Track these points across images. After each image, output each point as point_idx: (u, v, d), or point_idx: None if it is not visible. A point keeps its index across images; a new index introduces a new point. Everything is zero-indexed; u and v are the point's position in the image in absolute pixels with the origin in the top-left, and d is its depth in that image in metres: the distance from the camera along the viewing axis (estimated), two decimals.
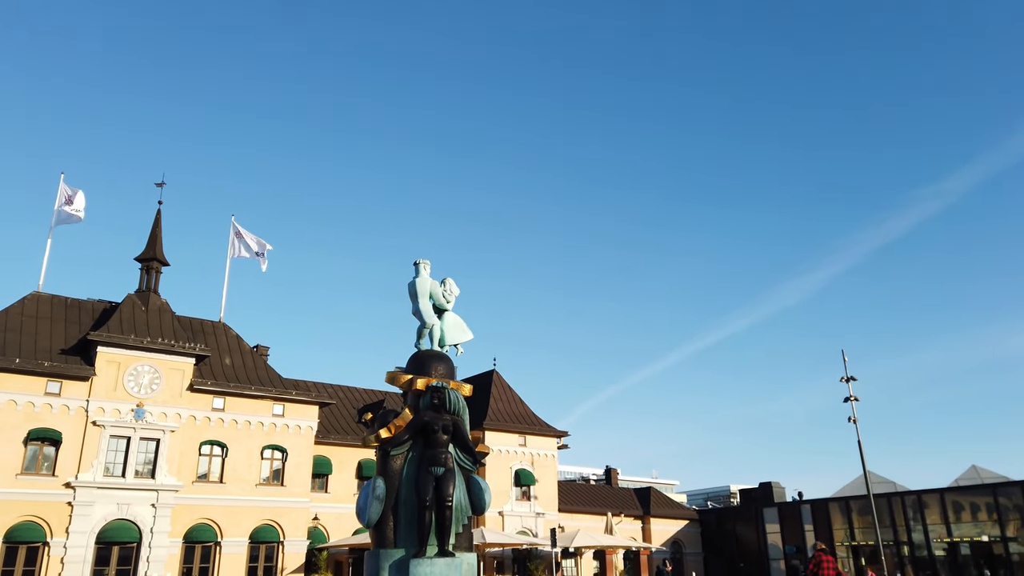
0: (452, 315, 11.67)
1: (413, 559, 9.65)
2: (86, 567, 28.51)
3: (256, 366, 35.66)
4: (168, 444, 31.05)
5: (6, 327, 30.72)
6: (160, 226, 35.71)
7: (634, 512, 53.05)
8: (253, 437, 33.38)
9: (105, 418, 30.08)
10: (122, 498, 29.76)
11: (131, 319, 32.37)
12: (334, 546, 34.63)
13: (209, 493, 31.73)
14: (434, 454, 10.11)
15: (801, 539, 51.50)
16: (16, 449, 28.46)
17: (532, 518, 42.88)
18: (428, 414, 10.38)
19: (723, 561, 55.24)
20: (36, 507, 28.23)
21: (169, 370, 31.90)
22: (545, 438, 45.29)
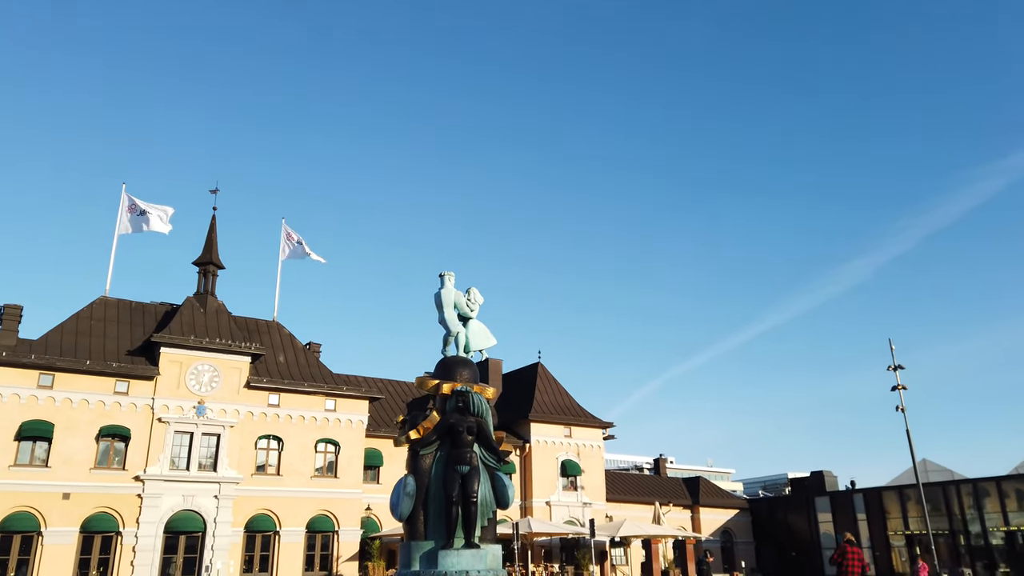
0: (476, 323, 12.44)
1: (441, 550, 10.47)
2: (156, 555, 30.37)
3: (308, 363, 37.13)
4: (228, 439, 32.72)
5: (77, 331, 32.73)
6: (215, 231, 37.42)
7: (683, 501, 53.25)
8: (307, 431, 34.87)
9: (169, 415, 31.87)
10: (187, 490, 31.53)
11: (191, 321, 34.11)
12: (386, 535, 35.93)
13: (267, 485, 33.34)
14: (460, 453, 10.91)
15: (854, 528, 50.99)
16: (89, 445, 30.42)
17: (579, 508, 43.58)
18: (454, 416, 11.17)
19: (774, 550, 55.04)
20: (109, 499, 30.16)
21: (227, 368, 33.54)
22: (591, 429, 45.88)
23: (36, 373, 30.09)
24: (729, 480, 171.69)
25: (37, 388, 29.98)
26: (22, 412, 29.54)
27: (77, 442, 30.18)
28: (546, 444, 43.80)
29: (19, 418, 29.42)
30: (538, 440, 43.49)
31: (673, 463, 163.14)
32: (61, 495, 29.45)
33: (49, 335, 31.80)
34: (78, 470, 29.97)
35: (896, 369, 37.03)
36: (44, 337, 31.58)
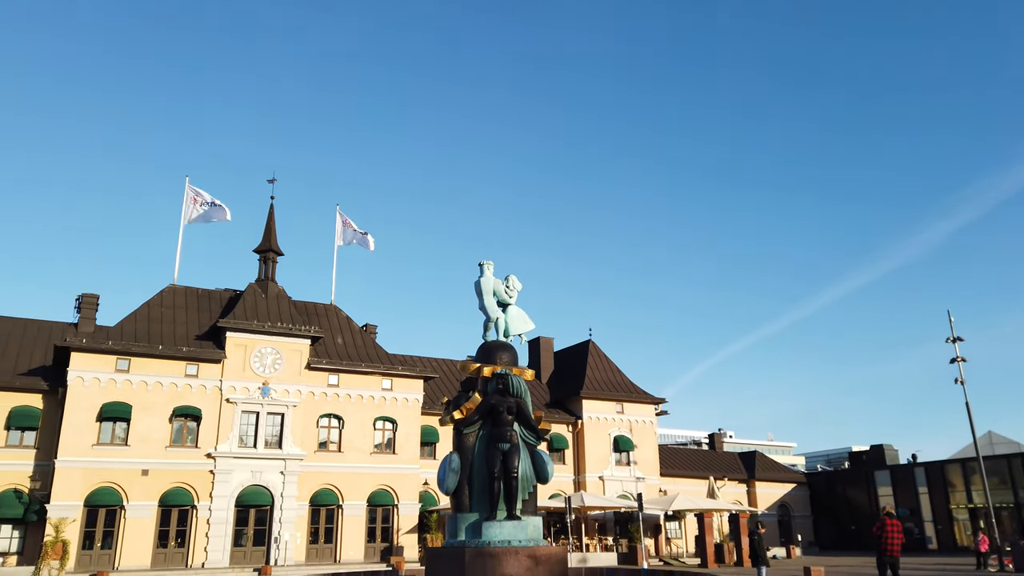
0: (515, 308, 13.07)
1: (485, 522, 11.23)
2: (228, 528, 32.22)
3: (365, 344, 38.45)
4: (291, 418, 34.30)
5: (149, 317, 34.64)
6: (273, 219, 38.87)
7: (738, 476, 53.31)
8: (365, 410, 36.24)
9: (236, 395, 33.56)
10: (255, 466, 33.26)
11: (253, 306, 35.69)
12: (444, 508, 37.16)
13: (329, 461, 34.87)
14: (500, 432, 11.61)
15: (915, 502, 50.40)
16: (164, 425, 32.33)
17: (632, 482, 44.13)
18: (494, 397, 11.86)
19: (832, 524, 54.76)
20: (184, 475, 32.08)
21: (289, 351, 35.05)
22: (643, 405, 46.25)
23: (114, 358, 32.04)
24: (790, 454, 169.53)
25: (115, 372, 31.94)
26: (102, 395, 31.55)
27: (153, 422, 32.11)
28: (598, 420, 44.40)
29: (100, 400, 31.43)
30: (590, 416, 44.11)
31: (732, 437, 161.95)
32: (140, 471, 31.45)
33: (124, 322, 33.74)
34: (155, 448, 31.92)
35: (955, 341, 36.40)
36: (120, 324, 33.53)
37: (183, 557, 31.55)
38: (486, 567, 10.55)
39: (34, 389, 32.13)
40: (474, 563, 10.58)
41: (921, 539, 49.20)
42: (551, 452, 43.19)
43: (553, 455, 43.22)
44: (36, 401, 32.11)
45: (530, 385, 43.83)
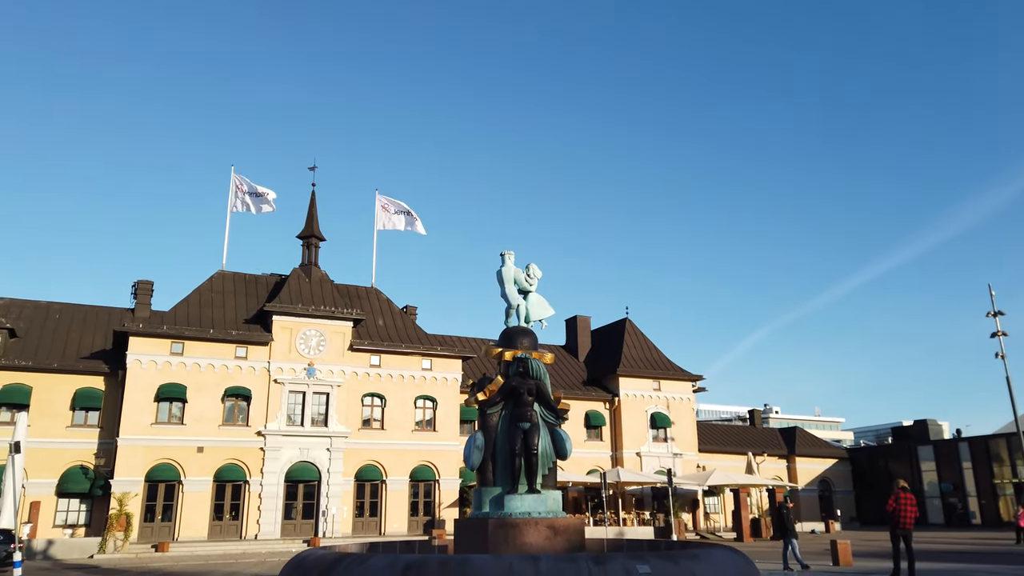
0: (535, 295, 13.74)
1: (507, 495, 12.04)
2: (279, 501, 33.89)
3: (405, 326, 39.62)
4: (336, 397, 35.72)
5: (200, 302, 36.28)
6: (315, 206, 40.13)
7: (778, 451, 53.43)
8: (406, 389, 37.49)
9: (284, 376, 35.07)
10: (303, 444, 34.81)
11: (298, 290, 37.08)
12: None
13: (373, 438, 36.25)
14: (521, 412, 12.36)
15: (959, 477, 49.98)
16: (217, 405, 34.02)
17: (669, 458, 44.73)
18: (515, 380, 12.60)
19: (874, 499, 54.57)
20: (236, 452, 33.77)
21: (332, 333, 36.39)
22: (680, 382, 46.66)
23: (169, 342, 33.75)
24: (838, 429, 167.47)
25: (170, 355, 33.67)
26: (159, 376, 33.32)
27: (207, 402, 33.82)
28: (635, 397, 44.99)
29: (157, 382, 33.22)
30: (627, 394, 44.72)
31: (778, 413, 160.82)
32: (196, 449, 33.23)
33: (177, 307, 35.43)
34: (209, 426, 33.65)
35: (996, 315, 36.08)
36: (174, 310, 35.23)
37: (237, 529, 33.33)
38: (507, 536, 11.38)
39: (96, 372, 34.06)
40: (496, 533, 11.42)
41: (965, 514, 48.87)
42: (588, 429, 44.05)
43: (590, 432, 44.09)
44: (98, 383, 34.05)
45: (567, 363, 44.93)
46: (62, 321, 36.74)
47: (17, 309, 36.46)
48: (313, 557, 10.91)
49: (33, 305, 37.32)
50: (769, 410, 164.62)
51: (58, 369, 33.32)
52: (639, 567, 9.37)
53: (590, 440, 43.89)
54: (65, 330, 36.10)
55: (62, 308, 37.84)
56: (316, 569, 10.21)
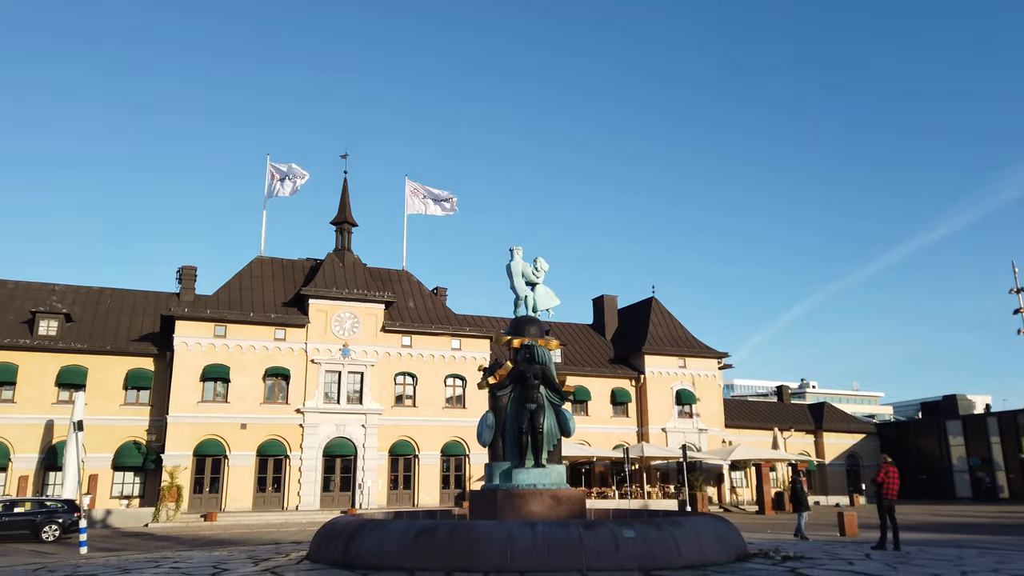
0: (542, 287, 14.91)
1: (515, 469, 13.36)
2: (317, 475, 35.80)
3: (436, 307, 41.08)
4: (370, 376, 37.41)
5: (240, 287, 38.14)
6: (347, 192, 41.62)
7: (806, 427, 53.99)
8: (437, 368, 39.03)
9: (320, 357, 36.83)
10: (339, 420, 36.62)
11: (332, 274, 38.71)
12: None
13: (405, 415, 37.94)
14: (528, 394, 13.63)
15: (987, 451, 50.14)
16: (258, 384, 35.93)
17: (695, 434, 45.74)
18: (523, 365, 13.86)
19: (903, 474, 54.88)
20: (277, 428, 35.72)
21: (365, 315, 38.01)
22: (705, 359, 47.47)
23: (212, 325, 35.67)
24: (877, 403, 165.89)
25: (214, 337, 35.60)
26: (204, 357, 35.29)
27: (248, 381, 35.75)
28: (661, 375, 45.97)
29: (202, 362, 35.20)
30: (652, 371, 45.72)
31: (815, 387, 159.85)
32: (239, 425, 35.22)
33: (220, 292, 37.32)
34: (251, 404, 35.60)
35: (1019, 292, 36.27)
36: (216, 294, 37.13)
37: (279, 501, 35.37)
38: (514, 506, 12.71)
39: (145, 354, 36.19)
40: (504, 502, 12.76)
41: (993, 488, 49.08)
42: (615, 406, 45.22)
43: (616, 408, 45.26)
44: (148, 364, 36.19)
45: (594, 341, 46.33)
46: (113, 306, 38.93)
47: (72, 295, 38.72)
48: (342, 523, 12.40)
49: (86, 291, 39.55)
50: (806, 385, 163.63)
51: (111, 351, 35.50)
52: (624, 531, 10.65)
53: (616, 416, 45.08)
54: (116, 314, 38.28)
55: (112, 293, 40.02)
56: (344, 533, 11.70)
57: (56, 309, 35.88)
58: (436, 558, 10.35)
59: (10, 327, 35.16)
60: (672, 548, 10.68)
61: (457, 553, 10.33)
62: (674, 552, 10.65)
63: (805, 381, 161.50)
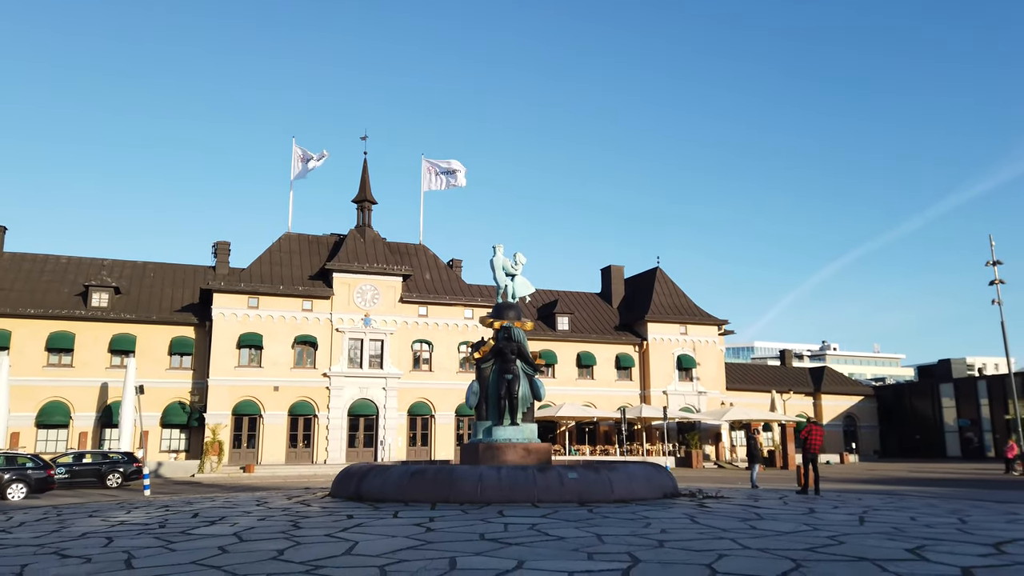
0: (520, 278, 17.87)
1: (495, 427, 16.53)
2: (343, 432, 39.57)
3: (450, 279, 44.29)
4: (389, 343, 40.88)
5: (271, 261, 41.62)
6: (367, 172, 44.68)
7: (805, 389, 56.83)
8: (451, 335, 42.39)
9: (344, 326, 40.33)
10: (362, 383, 40.23)
11: (354, 250, 42.00)
12: None
13: (422, 379, 41.46)
14: (506, 367, 16.72)
15: (976, 413, 52.64)
16: (288, 351, 39.58)
17: (694, 396, 48.82)
18: (502, 342, 16.92)
19: (898, 433, 57.71)
20: (306, 391, 39.44)
21: (385, 287, 41.35)
22: (706, 326, 50.28)
23: (246, 297, 39.27)
24: (898, 365, 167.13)
25: (247, 308, 39.22)
26: (239, 327, 38.97)
27: (279, 348, 39.41)
28: (663, 341, 48.93)
29: (238, 331, 38.88)
30: (655, 338, 48.69)
31: (836, 350, 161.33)
32: (272, 388, 38.99)
33: (252, 266, 40.84)
34: (282, 369, 39.31)
35: (995, 264, 38.55)
36: (249, 268, 40.67)
37: (309, 455, 39.26)
38: (493, 455, 15.94)
39: (187, 323, 39.97)
40: (485, 453, 15.99)
41: (980, 448, 51.69)
42: (619, 370, 48.38)
43: (620, 372, 48.43)
44: (189, 332, 40.00)
45: (601, 309, 49.94)
46: (156, 278, 42.71)
47: (119, 269, 42.55)
48: (355, 467, 15.80)
49: (131, 265, 43.35)
50: (827, 347, 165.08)
51: (156, 321, 39.33)
52: (568, 474, 13.85)
53: (620, 380, 48.27)
54: (159, 286, 42.06)
55: (155, 267, 43.80)
56: (357, 474, 15.08)
57: (106, 283, 39.67)
58: (425, 492, 13.64)
59: (66, 299, 39.07)
60: (607, 487, 13.85)
61: (441, 489, 13.61)
62: (608, 490, 13.82)
63: (826, 343, 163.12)
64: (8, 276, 39.65)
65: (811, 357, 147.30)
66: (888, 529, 10.67)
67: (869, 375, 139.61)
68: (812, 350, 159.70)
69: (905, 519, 11.98)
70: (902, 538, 9.64)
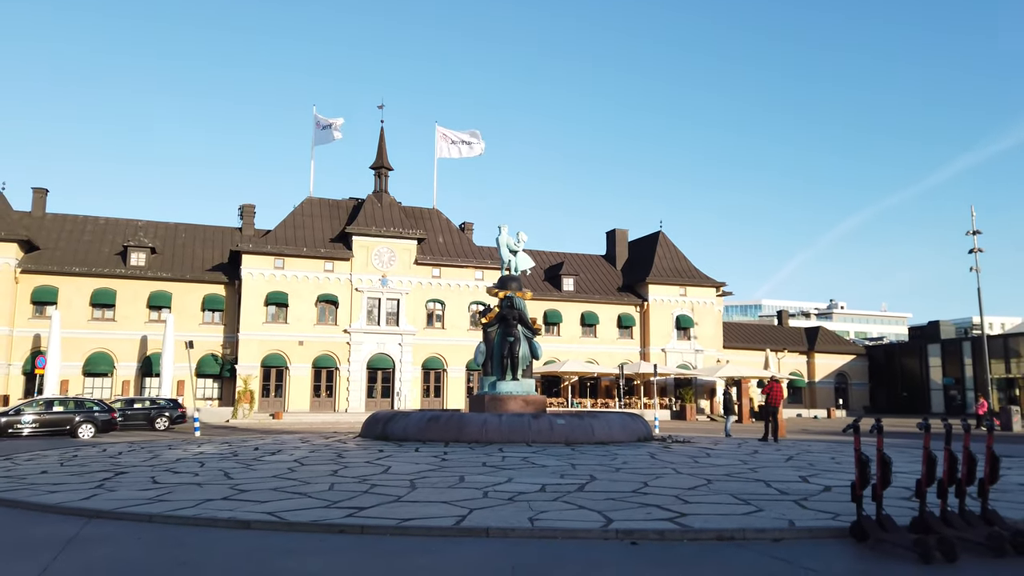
0: (522, 253, 20.67)
1: (499, 381, 19.55)
2: (362, 384, 42.91)
3: (461, 242, 47.08)
4: (405, 302, 43.92)
5: (294, 224, 44.49)
6: (384, 140, 47.15)
7: (799, 348, 59.65)
8: (462, 295, 45.37)
9: (363, 286, 43.35)
10: (379, 340, 43.41)
11: (372, 214, 44.78)
12: None
13: (435, 336, 44.60)
14: (508, 330, 19.65)
15: (960, 371, 55.44)
16: (311, 308, 42.72)
17: (692, 354, 51.78)
18: (505, 310, 19.82)
19: (887, 390, 60.65)
20: (328, 345, 42.67)
21: (401, 250, 44.22)
22: (704, 288, 52.96)
23: (272, 258, 42.25)
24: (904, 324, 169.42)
25: (274, 269, 42.24)
26: (266, 286, 42.05)
27: (303, 306, 42.53)
28: (662, 302, 51.72)
29: (265, 290, 41.98)
30: (655, 299, 51.48)
31: (843, 308, 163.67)
32: (297, 342, 42.22)
33: (277, 229, 43.75)
34: (306, 325, 42.50)
35: (974, 234, 40.89)
36: (275, 231, 43.58)
37: (332, 404, 42.69)
38: (496, 405, 18.98)
39: (217, 281, 43.07)
40: (490, 403, 19.03)
41: (963, 405, 54.56)
42: (620, 329, 51.31)
43: (622, 331, 51.37)
44: (220, 290, 43.14)
45: (605, 271, 53.16)
46: (187, 239, 45.74)
47: (152, 229, 45.57)
48: (381, 413, 18.96)
49: (164, 226, 46.37)
50: (835, 306, 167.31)
51: (190, 279, 42.46)
52: (557, 420, 16.89)
53: (621, 338, 51.25)
54: (191, 247, 45.11)
55: (186, 228, 46.79)
56: (383, 419, 18.22)
57: (143, 244, 42.73)
58: (439, 434, 16.73)
59: (107, 258, 42.24)
60: (588, 431, 16.89)
61: (452, 431, 16.70)
62: (589, 433, 16.85)
63: (834, 302, 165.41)
64: (52, 236, 42.76)
65: (818, 315, 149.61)
66: (803, 465, 13.61)
67: (875, 333, 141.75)
68: (820, 308, 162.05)
69: (826, 459, 14.91)
70: (807, 471, 12.58)
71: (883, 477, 6.60)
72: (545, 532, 7.05)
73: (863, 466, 6.86)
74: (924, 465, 6.83)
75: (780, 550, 6.60)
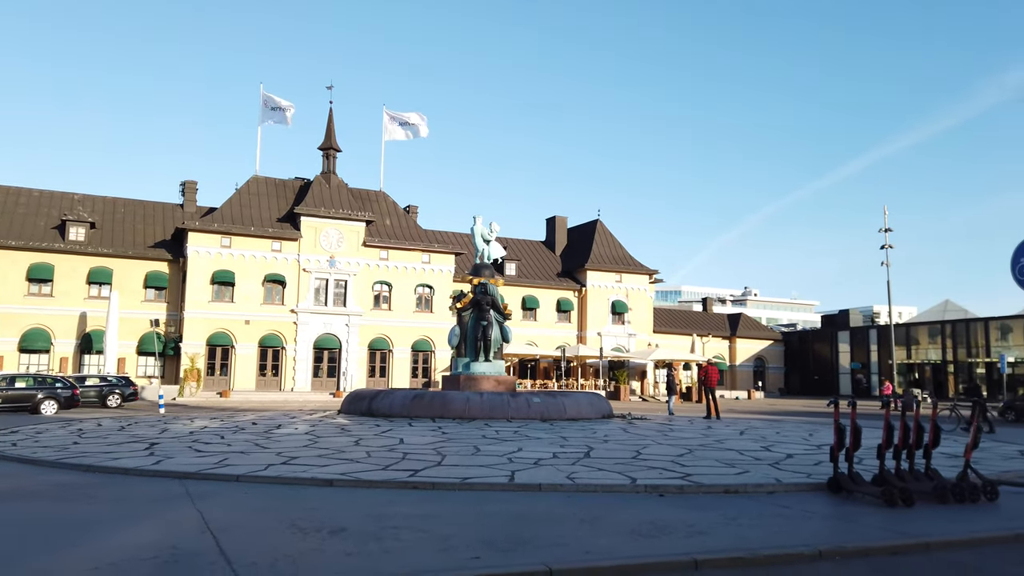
0: (495, 243, 22.12)
1: (472, 362, 20.96)
2: (308, 364, 43.41)
3: (408, 225, 47.91)
4: (352, 284, 44.54)
5: (240, 203, 44.35)
6: (333, 121, 47.34)
7: (723, 333, 63.16)
8: (409, 277, 46.30)
9: (311, 266, 43.71)
10: (326, 320, 43.94)
11: (320, 195, 45.07)
12: None
13: (382, 317, 45.42)
14: (481, 315, 21.06)
15: (867, 357, 60.03)
16: (258, 288, 42.82)
17: (625, 338, 54.29)
18: (479, 296, 21.22)
19: (800, 374, 65.02)
20: (275, 325, 42.94)
21: (349, 232, 44.73)
22: (638, 275, 55.50)
23: (219, 236, 42.08)
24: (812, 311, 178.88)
25: (220, 247, 42.11)
26: (213, 264, 41.90)
27: (250, 285, 42.60)
28: (600, 288, 53.96)
29: (211, 268, 41.83)
30: (593, 285, 53.66)
31: (756, 295, 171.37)
32: (244, 321, 42.31)
33: (223, 207, 43.53)
34: (253, 305, 42.61)
35: (886, 231, 44.55)
36: (220, 209, 43.35)
37: (278, 383, 43.05)
38: (471, 384, 20.39)
39: (161, 259, 42.61)
40: (465, 382, 20.43)
41: (868, 388, 59.16)
42: (559, 313, 53.28)
43: (560, 315, 53.35)
44: (163, 268, 42.71)
45: (545, 257, 55.26)
46: (127, 214, 44.92)
47: (91, 204, 44.55)
48: (364, 391, 20.06)
49: (103, 200, 45.37)
50: (748, 293, 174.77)
51: (132, 256, 41.87)
52: (533, 399, 18.44)
53: (560, 322, 53.25)
54: (131, 222, 44.36)
55: (125, 203, 45.91)
56: (368, 396, 19.34)
57: (83, 218, 41.83)
58: (425, 410, 18.02)
59: (43, 232, 41.17)
60: (561, 408, 18.52)
61: (437, 408, 18.02)
62: (562, 411, 18.48)
63: (748, 289, 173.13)
64: None
65: (733, 302, 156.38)
66: (758, 438, 15.63)
67: (785, 320, 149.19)
68: (735, 295, 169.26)
69: (773, 434, 17.01)
70: (763, 443, 14.56)
71: (855, 442, 8.38)
72: (587, 487, 8.55)
73: (840, 433, 8.62)
74: (884, 432, 8.65)
75: (777, 499, 8.32)
